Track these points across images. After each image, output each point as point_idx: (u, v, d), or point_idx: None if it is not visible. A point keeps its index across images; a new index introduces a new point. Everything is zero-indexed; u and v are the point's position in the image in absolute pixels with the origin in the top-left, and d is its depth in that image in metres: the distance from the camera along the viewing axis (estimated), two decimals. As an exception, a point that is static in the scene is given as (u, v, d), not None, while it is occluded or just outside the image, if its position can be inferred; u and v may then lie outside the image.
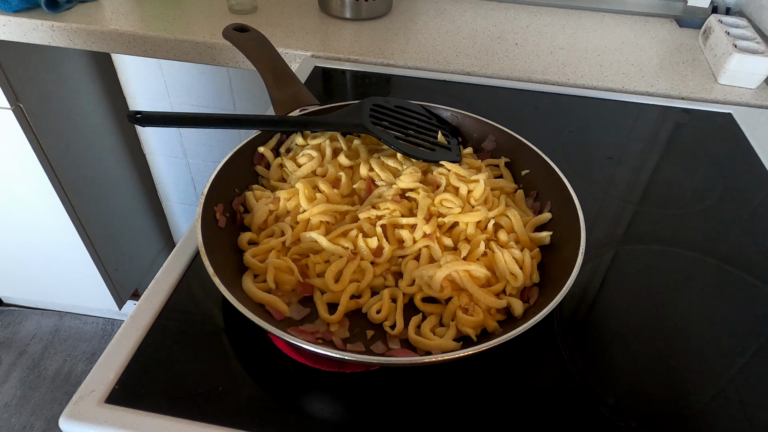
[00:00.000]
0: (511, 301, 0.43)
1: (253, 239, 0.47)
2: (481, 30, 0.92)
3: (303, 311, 0.43)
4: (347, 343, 0.41)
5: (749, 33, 0.82)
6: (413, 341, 0.41)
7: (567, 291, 0.39)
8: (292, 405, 0.38)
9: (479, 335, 0.41)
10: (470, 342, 0.40)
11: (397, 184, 0.49)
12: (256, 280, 0.44)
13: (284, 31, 0.87)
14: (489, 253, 0.45)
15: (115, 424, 0.35)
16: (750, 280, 0.50)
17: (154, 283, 0.45)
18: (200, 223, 0.42)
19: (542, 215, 0.49)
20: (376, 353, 0.40)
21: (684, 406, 0.39)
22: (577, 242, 0.43)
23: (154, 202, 1.48)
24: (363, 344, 0.41)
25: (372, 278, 0.44)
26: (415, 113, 0.57)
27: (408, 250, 0.46)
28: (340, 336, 0.41)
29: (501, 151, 0.56)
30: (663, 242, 0.54)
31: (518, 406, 0.39)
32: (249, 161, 0.53)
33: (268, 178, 0.53)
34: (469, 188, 0.49)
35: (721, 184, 0.62)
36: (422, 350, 0.40)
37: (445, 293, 0.43)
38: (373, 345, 0.41)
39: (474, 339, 0.41)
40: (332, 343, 0.40)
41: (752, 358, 0.43)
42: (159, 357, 0.40)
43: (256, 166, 0.53)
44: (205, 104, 1.17)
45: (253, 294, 0.42)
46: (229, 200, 0.48)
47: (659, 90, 0.78)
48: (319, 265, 0.45)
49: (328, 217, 0.47)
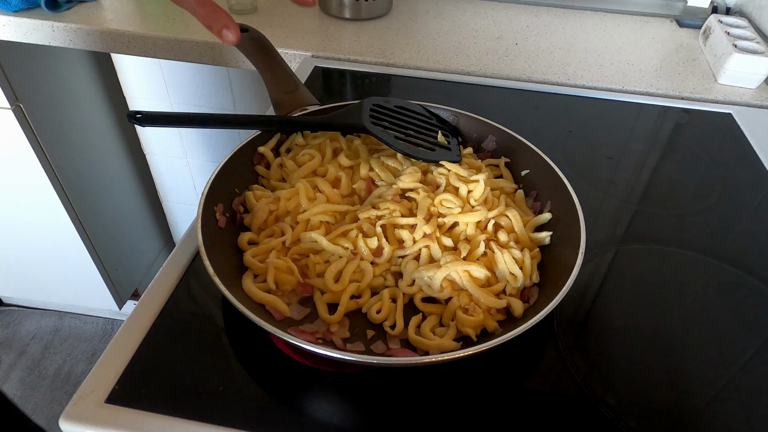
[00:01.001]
0: (511, 301, 0.43)
1: (253, 239, 0.47)
2: (481, 30, 0.92)
3: (303, 311, 0.43)
4: (347, 343, 0.41)
5: (749, 33, 0.82)
6: (413, 341, 0.41)
7: (567, 291, 0.39)
8: (292, 405, 0.38)
9: (479, 335, 0.41)
10: (470, 342, 0.40)
11: (397, 184, 0.49)
12: (256, 280, 0.44)
13: (284, 31, 0.87)
14: (489, 254, 0.45)
15: (115, 424, 0.35)
16: (750, 280, 0.50)
17: (154, 283, 0.45)
18: (200, 223, 0.42)
19: (542, 215, 0.49)
20: (376, 353, 0.40)
21: (684, 406, 0.39)
22: (577, 242, 0.43)
23: (154, 202, 1.48)
24: (363, 344, 0.41)
25: (372, 278, 0.44)
26: (415, 113, 0.57)
27: (408, 250, 0.46)
28: (340, 336, 0.41)
29: (501, 151, 0.56)
30: (663, 242, 0.54)
31: (518, 406, 0.39)
32: (249, 161, 0.52)
33: (268, 178, 0.53)
34: (469, 188, 0.49)
35: (721, 184, 0.62)
36: (422, 350, 0.40)
37: (445, 293, 0.43)
38: (373, 345, 0.41)
39: (474, 339, 0.41)
40: (332, 343, 0.40)
41: (752, 358, 0.43)
42: (159, 357, 0.40)
43: (256, 166, 0.53)
44: (205, 104, 1.17)
45: (254, 294, 0.42)
46: (229, 200, 0.48)
47: (659, 90, 0.78)
48: (319, 265, 0.45)
49: (329, 217, 0.48)
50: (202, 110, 1.18)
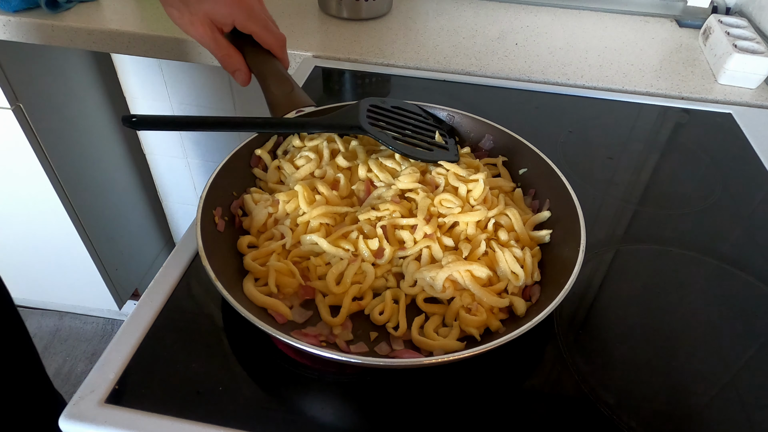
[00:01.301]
0: (514, 299, 0.43)
1: (252, 242, 0.47)
2: (481, 30, 0.92)
3: (305, 314, 0.43)
4: (351, 345, 0.41)
5: (749, 33, 0.82)
6: (417, 342, 0.41)
7: (569, 289, 0.39)
8: (293, 405, 0.38)
9: (482, 334, 0.41)
10: (473, 341, 0.40)
11: (396, 185, 0.49)
12: (257, 283, 0.43)
13: (284, 31, 0.86)
14: (490, 253, 0.45)
15: (115, 424, 0.35)
16: (750, 280, 0.50)
17: (154, 283, 0.45)
18: (199, 228, 0.42)
19: (541, 213, 0.49)
20: (380, 355, 0.40)
21: (684, 406, 0.39)
22: (577, 240, 0.43)
23: (154, 202, 1.48)
24: (366, 345, 0.41)
25: (373, 280, 0.44)
26: (412, 113, 0.57)
27: (409, 251, 0.46)
28: (343, 338, 0.41)
29: (498, 150, 0.56)
30: (663, 242, 0.53)
31: (518, 405, 0.39)
32: (246, 164, 0.52)
33: (265, 181, 0.52)
34: (469, 188, 0.49)
35: (721, 184, 0.61)
36: (426, 351, 0.40)
37: (447, 293, 0.43)
38: (377, 347, 0.41)
39: (478, 339, 0.41)
40: (336, 346, 0.40)
41: (752, 358, 0.43)
42: (159, 357, 0.40)
43: (254, 169, 0.53)
44: (205, 104, 1.17)
45: (255, 298, 0.42)
46: (227, 203, 0.48)
47: (659, 90, 0.78)
48: (320, 268, 0.45)
49: (328, 219, 0.47)
50: (201, 110, 1.18)
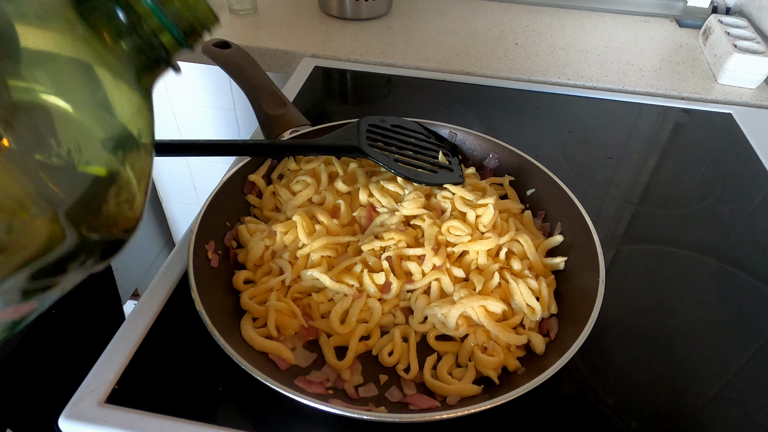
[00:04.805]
0: (532, 336, 0.40)
1: (249, 278, 0.44)
2: (481, 30, 0.92)
3: (310, 357, 0.40)
4: (359, 388, 0.38)
5: (749, 33, 0.82)
6: (430, 386, 0.38)
7: (592, 325, 0.37)
8: (293, 406, 0.38)
9: (500, 375, 0.39)
10: (490, 383, 0.38)
11: (400, 211, 0.46)
12: (255, 324, 0.41)
13: (284, 31, 0.87)
14: (503, 284, 0.43)
15: (115, 424, 0.35)
16: (750, 280, 0.50)
17: (154, 283, 0.45)
18: (192, 267, 0.39)
19: (554, 238, 0.47)
20: (391, 401, 0.37)
21: (684, 406, 0.39)
22: (595, 268, 0.41)
23: (154, 202, 1.48)
24: (376, 388, 0.38)
25: (381, 317, 0.42)
26: (413, 131, 0.54)
27: (417, 284, 0.43)
28: (353, 383, 0.38)
29: (504, 169, 0.54)
30: (663, 242, 0.53)
31: (518, 405, 0.39)
32: (239, 191, 0.49)
33: (260, 208, 0.49)
34: (478, 213, 0.46)
35: (721, 184, 0.61)
36: (440, 395, 0.38)
37: (461, 331, 0.41)
38: (387, 392, 0.38)
39: (496, 381, 0.38)
40: (344, 392, 0.38)
41: (752, 358, 0.43)
42: (159, 357, 0.40)
43: (247, 196, 0.49)
44: (205, 104, 1.17)
45: (255, 342, 0.39)
46: (220, 236, 0.45)
47: (659, 90, 0.78)
48: (322, 305, 0.42)
49: (330, 252, 0.44)
50: (201, 110, 1.18)
